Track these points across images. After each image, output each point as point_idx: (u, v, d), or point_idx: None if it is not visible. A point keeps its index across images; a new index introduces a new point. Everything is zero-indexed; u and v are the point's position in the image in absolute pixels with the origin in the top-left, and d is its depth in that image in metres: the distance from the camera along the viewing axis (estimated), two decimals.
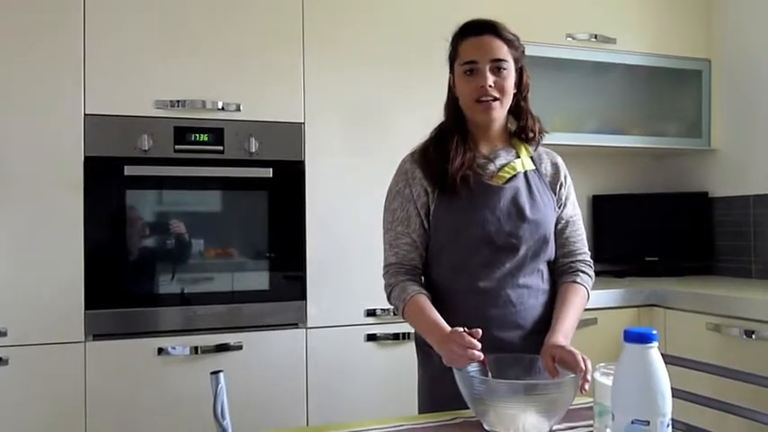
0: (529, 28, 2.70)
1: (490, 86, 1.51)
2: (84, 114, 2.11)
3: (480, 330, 1.31)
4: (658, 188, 3.38)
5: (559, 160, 1.68)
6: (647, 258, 3.13)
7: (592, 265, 1.64)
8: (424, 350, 1.58)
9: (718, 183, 3.12)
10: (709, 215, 3.13)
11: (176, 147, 2.19)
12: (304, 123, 2.32)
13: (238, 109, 2.25)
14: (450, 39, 1.59)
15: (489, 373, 1.29)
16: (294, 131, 2.31)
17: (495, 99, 1.52)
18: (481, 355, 1.28)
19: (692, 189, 3.23)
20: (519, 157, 1.61)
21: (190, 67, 2.22)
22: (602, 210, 3.23)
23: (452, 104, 1.61)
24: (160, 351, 2.13)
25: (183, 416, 2.12)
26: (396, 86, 2.42)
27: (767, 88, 2.88)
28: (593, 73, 3.00)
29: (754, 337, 2.17)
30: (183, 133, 2.20)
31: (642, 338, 0.96)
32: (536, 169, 1.62)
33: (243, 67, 2.26)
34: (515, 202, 1.54)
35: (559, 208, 1.62)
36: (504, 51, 1.52)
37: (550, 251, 1.60)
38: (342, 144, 2.36)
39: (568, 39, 2.83)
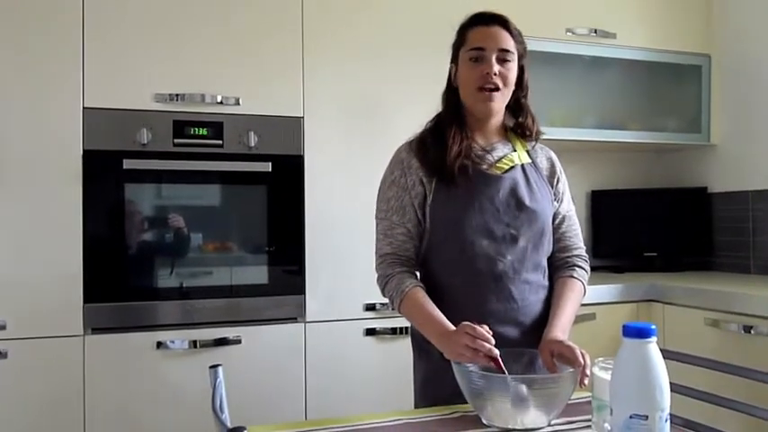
0: (528, 22, 2.68)
1: (495, 75, 1.51)
2: (83, 108, 2.10)
3: (488, 328, 1.31)
4: (657, 183, 3.38)
5: (554, 156, 1.68)
6: (645, 254, 3.13)
7: (587, 260, 1.64)
8: (422, 346, 1.57)
9: (718, 178, 3.12)
10: (708, 210, 3.14)
11: (175, 140, 2.19)
12: (303, 117, 2.32)
13: (237, 103, 2.24)
14: (456, 28, 1.59)
15: (507, 373, 1.26)
16: (293, 126, 2.31)
17: (497, 89, 1.52)
18: (495, 350, 1.27)
19: (691, 184, 3.23)
20: (515, 150, 1.61)
21: (189, 60, 2.21)
22: (601, 205, 3.23)
23: (451, 95, 1.61)
24: (159, 345, 2.13)
25: (182, 409, 2.13)
26: (395, 81, 2.41)
27: (767, 84, 2.88)
28: (593, 68, 3.00)
29: (752, 332, 2.17)
30: (182, 127, 2.19)
31: (641, 333, 0.96)
32: (532, 163, 1.61)
33: (242, 60, 2.26)
34: (514, 192, 1.53)
35: (556, 202, 1.62)
36: (510, 43, 1.54)
37: (549, 244, 1.59)
38: (341, 138, 2.36)
39: (568, 33, 2.82)
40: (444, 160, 1.51)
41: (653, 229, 3.17)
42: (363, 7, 2.40)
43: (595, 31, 2.85)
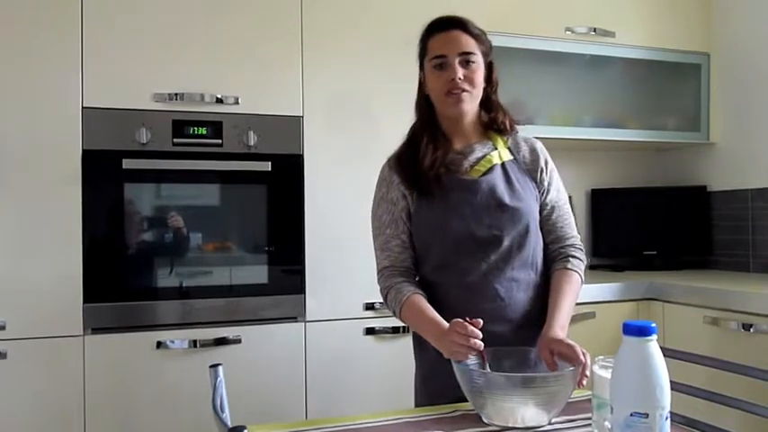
0: (528, 21, 2.73)
1: (460, 79, 1.52)
2: (83, 108, 2.10)
3: (481, 321, 1.31)
4: (657, 182, 3.38)
5: (538, 145, 1.66)
6: (645, 252, 3.13)
7: (582, 248, 1.62)
8: (420, 343, 1.59)
9: (717, 177, 3.12)
10: (707, 209, 3.14)
11: (175, 140, 2.19)
12: (303, 117, 2.32)
13: (237, 102, 2.24)
14: (419, 38, 1.62)
15: (488, 366, 1.29)
16: (293, 125, 2.31)
17: (465, 91, 1.53)
18: (482, 345, 1.28)
19: (690, 183, 3.23)
20: (496, 149, 1.61)
21: (188, 60, 2.21)
22: (600, 203, 3.24)
23: (423, 103, 1.63)
24: (159, 344, 2.13)
25: (182, 409, 2.13)
26: (395, 80, 2.40)
27: (766, 82, 2.88)
28: (592, 66, 3.00)
29: (752, 330, 2.18)
30: (181, 126, 2.19)
31: (641, 331, 0.96)
32: (514, 159, 1.61)
33: (242, 60, 2.26)
34: (493, 193, 1.54)
35: (542, 195, 1.61)
36: (471, 45, 1.54)
37: (537, 241, 1.58)
38: (340, 138, 2.35)
39: (567, 32, 2.82)
40: (420, 173, 1.54)
41: (652, 227, 3.17)
42: (363, 7, 2.40)
43: (594, 30, 2.85)
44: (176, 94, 2.18)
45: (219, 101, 2.22)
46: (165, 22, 2.19)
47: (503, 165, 1.58)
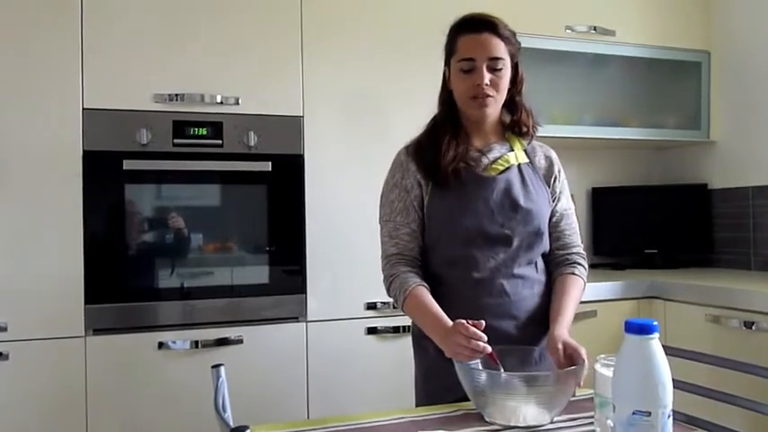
0: (528, 20, 2.71)
1: (486, 85, 1.52)
2: (83, 109, 2.10)
3: (483, 322, 1.31)
4: (657, 180, 3.38)
5: (553, 154, 1.68)
6: (646, 250, 3.13)
7: (585, 257, 1.65)
8: (420, 342, 1.59)
9: (718, 175, 3.12)
10: (708, 207, 3.14)
11: (175, 141, 2.19)
12: (303, 117, 2.31)
13: (237, 102, 2.24)
14: (446, 32, 1.60)
15: (501, 367, 1.28)
16: (293, 125, 2.31)
17: (490, 96, 1.53)
18: (488, 347, 1.28)
19: (691, 181, 3.23)
20: (512, 150, 1.62)
21: (188, 60, 2.21)
22: (601, 202, 3.23)
23: (446, 98, 1.62)
24: (160, 345, 2.13)
25: (184, 410, 2.13)
26: (395, 79, 2.41)
27: (766, 80, 2.88)
28: (593, 65, 3.00)
29: (753, 328, 2.18)
30: (181, 127, 2.19)
31: (643, 329, 0.96)
32: (530, 162, 1.62)
33: (242, 60, 2.26)
34: (508, 193, 1.54)
35: (554, 201, 1.63)
36: (501, 49, 1.53)
37: (544, 244, 1.60)
38: (341, 137, 2.35)
39: (567, 31, 2.82)
40: (439, 165, 1.53)
41: (653, 225, 3.17)
42: (363, 6, 2.40)
43: (595, 29, 2.85)
44: (176, 95, 2.18)
45: (220, 101, 2.22)
46: (165, 23, 2.19)
47: (519, 166, 1.59)
